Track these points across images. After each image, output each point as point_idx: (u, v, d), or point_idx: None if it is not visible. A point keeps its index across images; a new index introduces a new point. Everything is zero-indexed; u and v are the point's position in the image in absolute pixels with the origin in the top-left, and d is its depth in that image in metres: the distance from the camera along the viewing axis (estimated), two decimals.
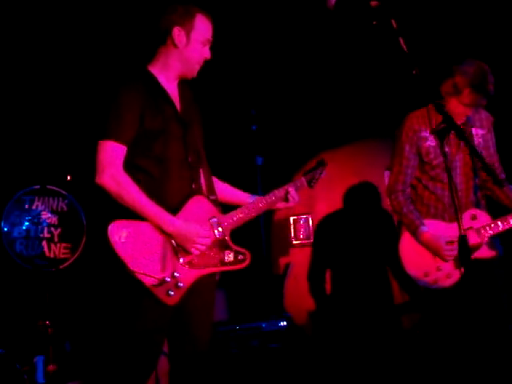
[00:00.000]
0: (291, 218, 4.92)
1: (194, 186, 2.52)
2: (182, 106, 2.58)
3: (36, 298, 4.34)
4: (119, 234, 2.37)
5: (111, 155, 2.37)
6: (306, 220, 4.89)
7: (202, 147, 2.68)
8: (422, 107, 3.20)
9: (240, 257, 2.67)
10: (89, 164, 3.68)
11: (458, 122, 3.05)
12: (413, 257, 3.37)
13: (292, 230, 5.00)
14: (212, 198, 2.59)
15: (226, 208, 2.72)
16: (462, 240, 2.26)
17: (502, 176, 3.40)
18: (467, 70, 3.03)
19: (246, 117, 5.09)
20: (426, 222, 3.31)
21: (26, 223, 4.50)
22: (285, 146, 5.24)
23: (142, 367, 2.46)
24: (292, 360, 4.46)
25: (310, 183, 3.00)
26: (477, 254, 3.20)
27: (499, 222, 3.23)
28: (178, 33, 2.45)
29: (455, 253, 3.21)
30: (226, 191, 2.87)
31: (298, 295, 5.01)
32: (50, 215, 4.57)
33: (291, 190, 2.80)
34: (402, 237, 3.41)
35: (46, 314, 4.18)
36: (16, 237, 4.43)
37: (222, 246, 2.63)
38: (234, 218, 2.64)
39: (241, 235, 2.75)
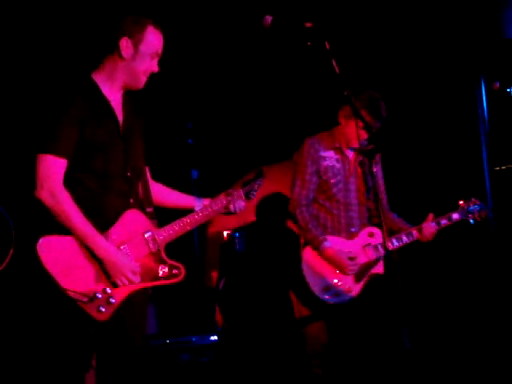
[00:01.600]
0: (225, 233, 4.99)
1: (131, 201, 2.56)
2: (124, 119, 2.61)
3: None
4: (49, 249, 2.38)
5: (50, 169, 2.39)
6: (241, 235, 5.00)
7: (143, 160, 2.72)
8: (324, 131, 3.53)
9: (174, 271, 2.68)
10: (21, 175, 3.70)
11: (354, 146, 3.39)
12: (314, 273, 3.54)
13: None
14: (149, 210, 2.62)
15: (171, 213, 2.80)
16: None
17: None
18: (363, 96, 3.34)
19: (182, 130, 5.20)
20: (329, 237, 3.51)
21: None
22: (221, 159, 5.32)
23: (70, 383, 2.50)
24: (222, 374, 4.57)
25: (247, 195, 3.01)
26: (374, 270, 3.50)
27: (403, 237, 3.52)
28: (125, 44, 2.46)
29: (356, 268, 3.49)
30: (170, 196, 2.93)
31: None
32: None
33: (230, 203, 2.85)
34: (303, 254, 3.56)
35: None
36: None
37: (156, 259, 2.64)
38: (170, 232, 2.67)
39: (174, 247, 2.78)
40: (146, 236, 2.56)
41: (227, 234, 4.74)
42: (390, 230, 3.64)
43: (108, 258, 2.41)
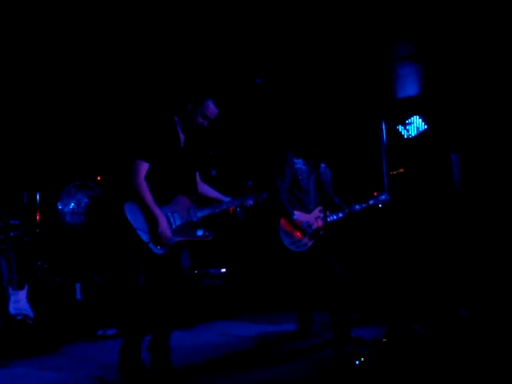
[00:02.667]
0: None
1: (182, 191, 3.45)
2: (185, 144, 3.50)
3: (79, 248, 6.19)
4: (129, 209, 3.23)
5: (140, 169, 3.32)
6: (241, 210, 6.90)
7: (196, 168, 3.64)
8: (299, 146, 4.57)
9: (207, 233, 3.49)
10: (111, 169, 5.34)
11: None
12: (286, 233, 4.46)
13: None
14: (193, 197, 3.43)
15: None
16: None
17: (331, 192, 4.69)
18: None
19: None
20: (296, 212, 4.43)
21: (72, 204, 6.35)
22: (230, 165, 6.86)
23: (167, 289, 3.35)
24: (229, 292, 6.35)
25: (256, 201, 3.83)
26: (321, 232, 4.40)
27: (334, 215, 4.44)
28: (189, 106, 3.43)
29: (311, 231, 4.39)
30: (210, 192, 3.80)
31: None
32: (86, 200, 6.43)
33: (244, 202, 3.74)
34: (280, 222, 4.44)
35: (85, 256, 6.05)
36: (66, 212, 6.32)
37: (196, 226, 3.45)
38: (205, 211, 3.52)
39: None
40: (190, 211, 3.42)
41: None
42: (335, 207, 4.56)
43: (158, 220, 3.26)
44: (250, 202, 3.77)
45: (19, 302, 4.62)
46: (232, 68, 5.20)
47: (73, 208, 6.40)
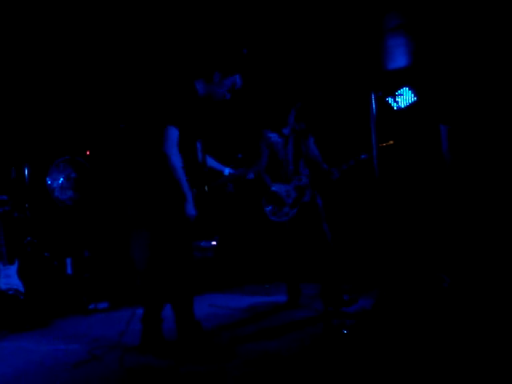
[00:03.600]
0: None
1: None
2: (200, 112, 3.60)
3: (68, 223, 6.29)
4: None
5: (173, 137, 3.26)
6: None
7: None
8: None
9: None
10: (101, 144, 5.27)
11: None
12: (267, 205, 4.73)
13: None
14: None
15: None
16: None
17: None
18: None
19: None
20: (274, 183, 4.70)
21: (61, 179, 6.39)
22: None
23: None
24: (219, 264, 6.50)
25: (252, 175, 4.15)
26: (303, 200, 4.68)
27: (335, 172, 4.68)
28: (216, 77, 3.46)
29: (291, 200, 4.66)
30: (209, 161, 3.83)
31: None
32: (75, 174, 6.47)
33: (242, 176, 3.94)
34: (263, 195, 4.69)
35: (75, 231, 6.12)
36: (55, 187, 6.36)
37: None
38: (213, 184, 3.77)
39: None
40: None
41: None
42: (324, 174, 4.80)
43: (187, 197, 3.33)
44: (251, 176, 3.94)
45: (10, 276, 4.67)
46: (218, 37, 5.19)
47: (62, 183, 6.43)
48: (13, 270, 4.70)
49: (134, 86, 6.05)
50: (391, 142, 5.12)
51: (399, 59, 6.20)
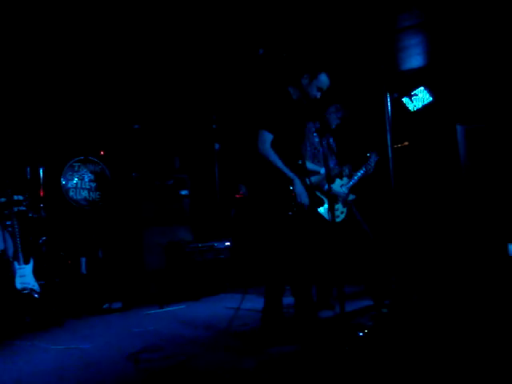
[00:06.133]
0: None
1: (297, 159, 3.73)
2: (296, 115, 3.70)
3: (83, 223, 6.33)
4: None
5: (265, 138, 3.51)
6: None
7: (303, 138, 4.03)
8: None
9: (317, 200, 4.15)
10: (115, 144, 5.31)
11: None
12: None
13: None
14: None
15: None
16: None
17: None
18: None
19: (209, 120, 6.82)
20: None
21: (75, 179, 6.42)
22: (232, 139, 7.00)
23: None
24: (233, 266, 6.36)
25: None
26: None
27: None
28: (305, 79, 3.63)
29: (343, 199, 4.69)
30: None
31: None
32: (89, 175, 6.51)
33: None
34: None
35: (90, 231, 6.19)
36: (69, 187, 6.40)
37: (312, 194, 3.92)
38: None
39: None
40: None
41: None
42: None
43: (294, 181, 3.47)
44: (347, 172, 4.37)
45: (25, 276, 4.69)
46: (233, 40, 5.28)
47: (76, 183, 6.47)
48: (28, 269, 4.72)
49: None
50: (406, 143, 5.11)
51: (415, 59, 6.14)
